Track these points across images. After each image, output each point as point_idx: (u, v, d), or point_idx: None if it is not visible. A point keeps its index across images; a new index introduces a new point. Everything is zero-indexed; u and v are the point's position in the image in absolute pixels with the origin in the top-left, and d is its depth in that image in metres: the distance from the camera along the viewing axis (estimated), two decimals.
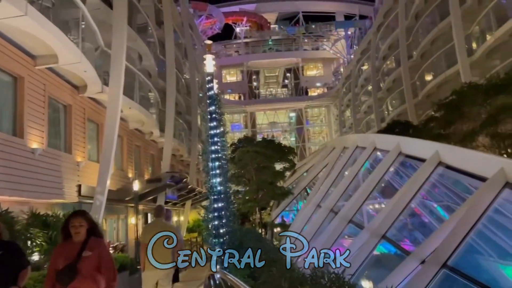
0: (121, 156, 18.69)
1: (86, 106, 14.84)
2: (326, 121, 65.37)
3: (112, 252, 13.44)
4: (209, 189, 8.21)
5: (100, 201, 13.50)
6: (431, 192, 8.10)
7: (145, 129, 20.95)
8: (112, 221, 18.97)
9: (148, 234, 6.61)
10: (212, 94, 8.63)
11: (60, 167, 12.59)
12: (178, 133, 26.31)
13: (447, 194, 7.84)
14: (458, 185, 7.40)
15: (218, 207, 8.18)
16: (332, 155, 16.90)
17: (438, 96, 27.72)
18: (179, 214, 33.33)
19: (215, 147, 8.44)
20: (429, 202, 8.11)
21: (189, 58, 33.41)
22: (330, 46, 61.91)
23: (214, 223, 8.11)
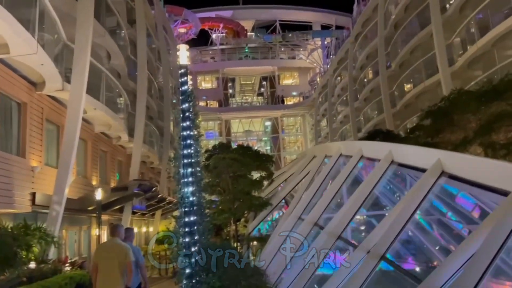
0: (85, 162, 17.17)
1: (45, 106, 13.37)
2: (301, 131, 64.92)
3: (68, 269, 11.95)
4: (180, 199, 7.00)
5: (56, 212, 12.07)
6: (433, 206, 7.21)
7: (113, 133, 19.49)
8: (73, 233, 17.38)
9: (98, 255, 6.61)
10: (185, 90, 7.46)
11: (11, 172, 11.09)
12: (148, 138, 24.88)
13: (453, 208, 6.97)
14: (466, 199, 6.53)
15: (190, 221, 6.99)
16: (313, 164, 15.92)
17: (417, 106, 27.41)
18: (148, 224, 31.70)
19: (188, 150, 7.27)
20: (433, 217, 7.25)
21: (163, 62, 32.07)
22: (307, 55, 61.70)
23: (185, 240, 6.90)
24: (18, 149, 11.82)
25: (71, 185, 14.98)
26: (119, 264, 6.30)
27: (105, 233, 20.76)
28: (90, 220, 18.36)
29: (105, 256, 6.49)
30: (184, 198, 7.00)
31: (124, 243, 6.73)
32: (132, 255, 6.52)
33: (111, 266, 6.29)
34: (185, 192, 7.05)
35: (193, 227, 6.96)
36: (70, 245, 16.96)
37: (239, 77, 65.64)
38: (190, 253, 6.78)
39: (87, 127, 17.25)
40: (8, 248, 9.18)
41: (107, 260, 6.36)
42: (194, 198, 7.12)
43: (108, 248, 6.66)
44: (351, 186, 11.44)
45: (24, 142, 11.94)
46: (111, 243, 6.70)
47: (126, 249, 6.46)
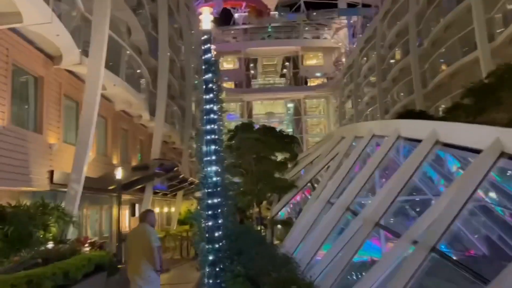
0: (105, 140, 16.74)
1: (63, 81, 12.85)
2: (324, 113, 63.51)
3: (87, 250, 11.58)
4: (202, 180, 6.31)
5: (75, 190, 11.64)
6: (492, 191, 6.34)
7: (134, 112, 18.99)
8: (93, 212, 17.10)
9: (129, 241, 6.87)
10: (208, 58, 6.70)
11: (27, 149, 10.65)
12: (170, 119, 24.35)
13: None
14: None
15: (214, 203, 6.30)
16: (342, 146, 15.03)
17: (451, 86, 25.95)
18: (170, 205, 31.51)
19: (211, 126, 6.53)
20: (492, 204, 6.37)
21: (185, 40, 31.30)
22: (332, 35, 59.84)
23: (208, 224, 6.24)
24: (35, 125, 11.37)
25: (91, 164, 14.57)
26: (146, 249, 6.47)
27: (126, 213, 20.53)
28: (112, 199, 18.05)
29: (134, 242, 6.70)
30: (207, 178, 6.31)
31: (152, 228, 6.86)
32: (158, 240, 6.69)
33: (139, 251, 6.50)
34: (208, 171, 6.35)
35: (216, 210, 6.29)
36: (90, 225, 16.71)
37: (261, 58, 64.41)
38: (213, 237, 6.13)
39: (107, 104, 16.76)
40: (24, 227, 8.77)
41: (136, 246, 6.59)
42: (218, 178, 6.44)
43: (137, 234, 6.78)
44: (387, 169, 10.57)
45: (41, 118, 11.47)
46: (140, 229, 6.80)
47: (151, 234, 6.60)
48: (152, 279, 6.54)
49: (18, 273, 7.30)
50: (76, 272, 8.89)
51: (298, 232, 11.85)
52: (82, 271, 9.33)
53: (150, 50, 21.60)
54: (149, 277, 6.48)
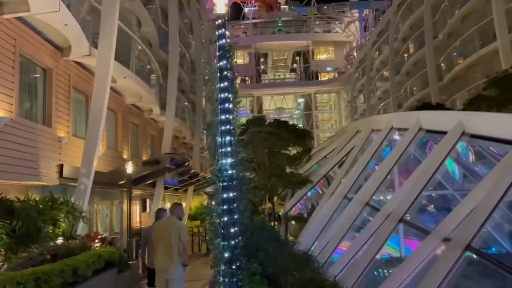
0: (115, 134, 16.48)
1: (72, 73, 12.57)
2: (336, 108, 62.84)
3: (97, 246, 11.32)
4: (216, 173, 5.94)
5: (84, 185, 11.37)
6: None
7: (144, 105, 18.71)
8: (104, 207, 16.88)
9: (156, 233, 6.68)
10: (223, 44, 6.30)
11: (36, 142, 10.39)
12: (181, 114, 24.06)
13: None
14: None
15: (229, 197, 5.93)
16: (358, 139, 14.59)
17: (467, 79, 25.28)
18: (181, 200, 31.31)
19: (226, 116, 6.15)
20: None
21: (195, 34, 30.95)
22: (343, 28, 59.00)
23: (223, 220, 5.88)
24: (44, 118, 11.10)
25: (101, 158, 14.32)
26: (176, 242, 6.45)
27: (137, 208, 20.31)
28: (122, 194, 17.81)
29: (162, 234, 6.57)
30: (222, 171, 5.95)
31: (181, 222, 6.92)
32: (187, 235, 6.75)
33: (168, 244, 6.44)
34: (224, 164, 5.99)
35: (232, 205, 5.93)
36: (101, 221, 16.50)
37: (271, 52, 63.87)
38: (229, 234, 5.77)
39: (117, 98, 16.50)
40: (32, 222, 8.50)
41: (165, 239, 6.48)
42: (234, 171, 6.07)
43: (165, 227, 6.66)
44: (408, 163, 10.11)
45: (50, 111, 11.21)
46: (169, 221, 6.75)
47: (182, 228, 6.59)
48: (179, 273, 6.54)
49: (25, 270, 7.03)
50: (85, 269, 8.63)
51: (313, 228, 11.47)
52: (92, 267, 9.06)
53: (160, 43, 21.29)
54: (176, 271, 6.47)
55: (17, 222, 8.13)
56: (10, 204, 8.54)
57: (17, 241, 8.03)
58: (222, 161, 6.02)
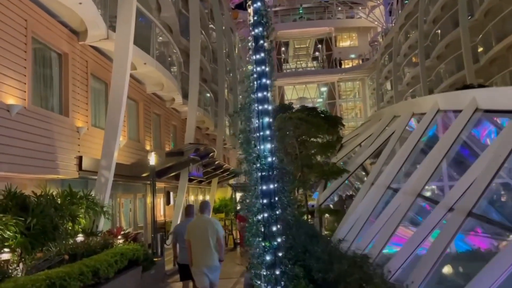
0: (137, 125, 15.75)
1: (89, 59, 11.81)
2: (360, 96, 61.06)
3: (120, 242, 10.60)
4: (254, 161, 4.98)
5: (105, 178, 10.64)
6: None
7: (166, 95, 17.92)
8: (127, 201, 16.24)
9: (191, 232, 6.73)
10: (257, 8, 5.30)
11: (52, 133, 9.67)
12: (203, 106, 23.20)
13: None
14: None
15: (270, 189, 4.99)
16: (397, 125, 13.40)
17: (508, 60, 23.55)
18: (205, 193, 30.66)
19: (264, 93, 5.19)
20: None
21: (216, 22, 29.99)
22: (367, 13, 56.97)
23: (263, 216, 4.94)
24: (60, 106, 10.38)
25: (122, 150, 13.61)
26: (213, 239, 6.56)
27: (161, 201, 19.66)
28: (146, 187, 17.15)
29: (198, 233, 6.64)
30: (261, 158, 5.01)
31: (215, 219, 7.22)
32: (223, 231, 6.83)
33: (204, 242, 6.53)
34: (262, 149, 5.04)
35: (273, 198, 4.99)
36: (124, 215, 15.87)
37: (292, 41, 62.39)
38: (270, 233, 4.84)
39: (138, 87, 15.74)
40: (48, 219, 7.78)
41: (200, 237, 6.55)
42: (274, 159, 5.12)
43: (200, 225, 6.72)
44: (465, 149, 8.94)
45: (66, 99, 10.48)
46: (202, 219, 6.82)
47: (217, 225, 6.70)
48: (217, 268, 6.70)
49: (38, 273, 6.28)
50: (107, 269, 7.88)
51: (353, 222, 10.44)
52: (114, 267, 8.32)
53: (181, 31, 20.43)
54: (215, 266, 6.62)
55: (32, 219, 7.42)
56: (25, 199, 7.84)
57: (32, 240, 7.33)
58: (261, 147, 5.08)
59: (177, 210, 17.86)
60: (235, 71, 38.42)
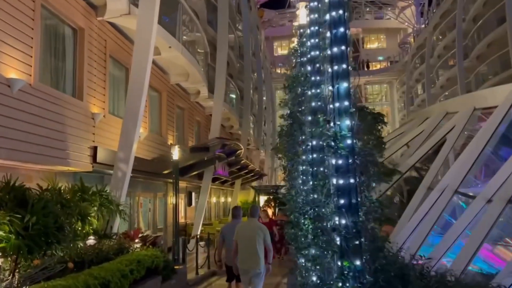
0: (159, 117, 14.44)
1: (109, 38, 10.52)
2: (388, 99, 58.85)
3: (138, 246, 9.22)
4: (330, 142, 3.44)
5: (122, 172, 9.28)
6: None
7: (190, 87, 16.57)
8: (147, 200, 14.93)
9: (239, 234, 6.72)
10: None
11: (63, 117, 8.36)
12: (229, 99, 21.81)
13: None
14: None
15: (349, 185, 3.44)
16: (456, 122, 11.67)
17: None
18: (227, 194, 29.25)
19: (341, 48, 3.71)
20: None
21: (243, 15, 28.67)
22: (397, 14, 54.86)
23: (339, 223, 3.39)
24: (74, 88, 9.08)
25: (143, 143, 12.30)
26: (261, 243, 6.55)
27: (182, 202, 18.31)
28: (166, 186, 15.82)
29: (246, 235, 6.63)
30: (337, 139, 3.49)
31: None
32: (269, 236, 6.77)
33: (252, 246, 6.53)
34: (339, 127, 3.53)
35: (354, 198, 3.47)
36: (143, 215, 14.56)
37: None
38: (355, 250, 3.31)
39: (162, 76, 14.44)
40: (52, 217, 6.43)
41: (248, 240, 6.57)
42: (355, 142, 3.61)
43: (249, 228, 6.73)
44: None
45: (81, 80, 9.18)
46: (252, 223, 6.82)
47: (265, 231, 6.67)
48: (258, 274, 6.63)
49: (33, 286, 4.89)
50: (120, 281, 6.44)
51: (410, 230, 8.77)
52: (129, 278, 6.89)
53: (208, 20, 19.11)
54: (260, 271, 6.59)
55: (31, 216, 6.05)
56: (24, 192, 6.49)
57: (30, 243, 5.95)
58: (339, 121, 3.56)
59: (199, 211, 16.46)
60: (260, 71, 37.02)
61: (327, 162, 3.68)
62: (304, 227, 5.20)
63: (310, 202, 5.07)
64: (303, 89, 5.79)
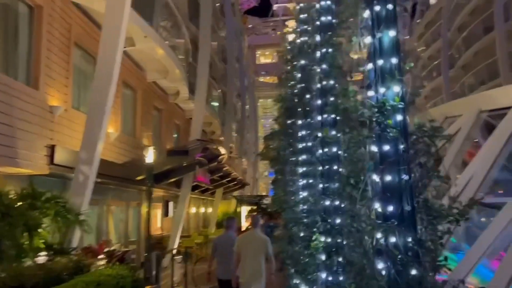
0: (133, 117, 13.05)
1: (74, 22, 9.16)
2: None
3: (103, 263, 7.81)
4: (375, 117, 2.20)
5: (85, 176, 7.87)
6: None
7: (170, 86, 15.24)
8: (119, 210, 13.44)
9: (241, 245, 6.41)
10: None
11: (12, 108, 6.95)
12: (211, 101, 20.56)
13: None
14: None
15: (399, 184, 2.21)
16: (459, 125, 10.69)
17: None
18: (207, 204, 27.75)
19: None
20: None
21: (227, 18, 27.59)
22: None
23: (385, 238, 2.16)
24: (28, 75, 7.68)
25: (113, 145, 10.91)
26: (264, 255, 6.34)
27: (158, 213, 16.85)
28: (141, 195, 14.34)
29: (251, 247, 6.34)
30: (385, 114, 2.30)
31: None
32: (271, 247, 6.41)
33: (258, 259, 6.32)
34: (388, 96, 2.35)
35: (409, 202, 2.26)
36: (115, 226, 13.06)
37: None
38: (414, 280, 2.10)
39: (137, 72, 13.10)
40: None
41: (253, 252, 6.32)
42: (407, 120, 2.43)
43: (254, 240, 6.39)
44: None
45: (37, 67, 7.78)
46: (257, 235, 6.50)
47: (267, 242, 6.41)
48: (264, 284, 6.40)
49: None
50: None
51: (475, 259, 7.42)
52: None
53: (190, 16, 17.89)
54: (262, 283, 6.36)
55: None
56: None
57: None
58: (379, 90, 2.38)
59: (177, 223, 15.02)
60: (243, 77, 35.96)
61: (365, 147, 2.46)
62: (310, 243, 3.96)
63: (319, 211, 3.84)
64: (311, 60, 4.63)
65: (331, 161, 3.82)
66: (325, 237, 3.56)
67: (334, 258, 3.42)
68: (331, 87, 4.16)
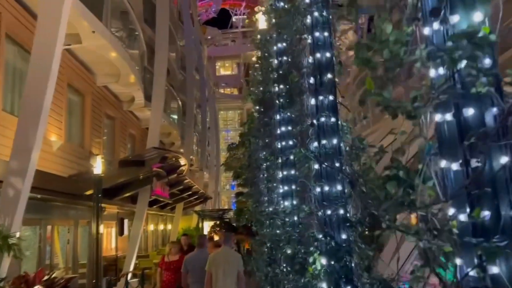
0: (81, 126, 11.64)
1: (5, 10, 7.83)
2: None
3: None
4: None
5: (16, 190, 6.55)
6: None
7: (123, 92, 13.92)
8: (65, 230, 11.91)
9: (213, 264, 6.28)
10: None
11: None
12: (170, 110, 19.31)
13: None
14: None
15: None
16: None
17: None
18: (166, 220, 26.14)
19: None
20: None
21: (185, 23, 26.55)
22: (339, 36, 55.75)
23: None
24: None
25: (57, 155, 9.54)
26: (236, 273, 6.25)
27: (112, 231, 15.31)
28: (92, 212, 12.82)
29: (225, 266, 6.22)
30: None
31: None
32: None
33: (231, 276, 6.21)
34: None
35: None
36: (61, 249, 11.53)
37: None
38: None
39: (85, 75, 11.76)
40: None
41: (228, 270, 6.19)
42: None
43: (227, 258, 6.31)
44: None
45: None
46: (229, 252, 6.47)
47: (239, 258, 6.43)
48: None
49: None
50: None
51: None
52: None
53: (145, 18, 16.71)
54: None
55: None
56: None
57: None
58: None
59: (133, 242, 13.58)
60: (204, 87, 34.85)
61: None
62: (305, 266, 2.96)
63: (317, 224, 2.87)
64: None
65: (331, 156, 2.88)
66: (328, 259, 2.58)
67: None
68: (328, 60, 3.23)
